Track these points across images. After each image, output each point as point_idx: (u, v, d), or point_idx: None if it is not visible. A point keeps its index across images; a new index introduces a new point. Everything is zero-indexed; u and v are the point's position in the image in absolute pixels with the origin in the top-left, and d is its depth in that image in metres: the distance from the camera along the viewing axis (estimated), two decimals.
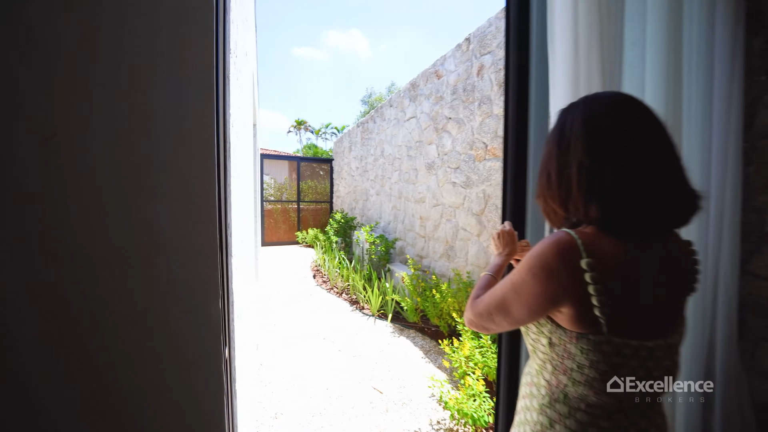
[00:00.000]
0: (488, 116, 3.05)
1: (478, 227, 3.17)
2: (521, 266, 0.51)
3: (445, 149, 3.72)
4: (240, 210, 1.36)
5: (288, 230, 9.01)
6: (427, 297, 3.00)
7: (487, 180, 3.06)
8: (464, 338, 2.04)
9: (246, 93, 1.76)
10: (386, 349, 2.74)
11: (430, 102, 4.04)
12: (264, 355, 2.57)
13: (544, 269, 0.48)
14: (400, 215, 4.91)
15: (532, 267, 0.49)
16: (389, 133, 5.30)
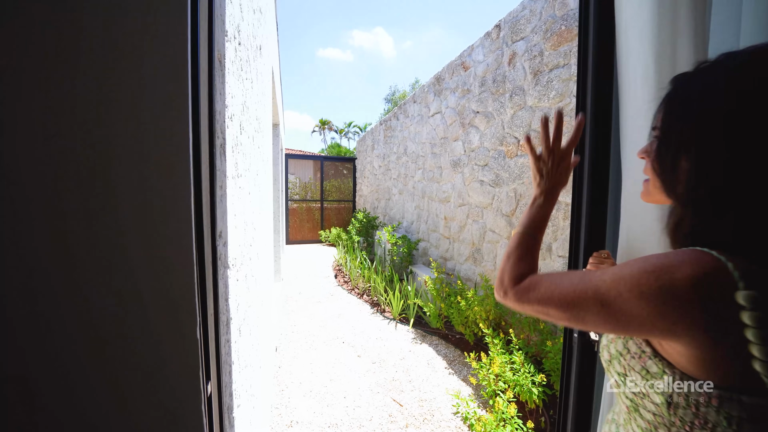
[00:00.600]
0: (521, 108, 2.81)
1: (508, 229, 2.93)
2: (620, 275, 0.39)
3: (472, 145, 3.50)
4: (257, 211, 1.28)
5: (312, 229, 9.13)
6: (452, 303, 2.82)
7: (518, 178, 2.82)
8: (493, 352, 1.85)
9: (262, 90, 1.68)
10: (407, 357, 2.60)
11: (456, 96, 3.83)
12: (283, 358, 2.53)
13: (665, 295, 0.34)
14: (423, 215, 4.74)
15: (645, 287, 0.36)
16: (412, 131, 5.13)
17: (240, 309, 0.88)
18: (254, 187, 1.26)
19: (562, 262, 2.39)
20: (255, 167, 1.30)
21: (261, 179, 1.57)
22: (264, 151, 1.80)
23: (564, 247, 2.37)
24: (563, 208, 2.39)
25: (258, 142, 1.45)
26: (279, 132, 4.42)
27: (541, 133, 0.66)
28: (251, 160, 1.18)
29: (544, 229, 0.63)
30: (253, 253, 1.19)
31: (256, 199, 1.31)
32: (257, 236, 1.34)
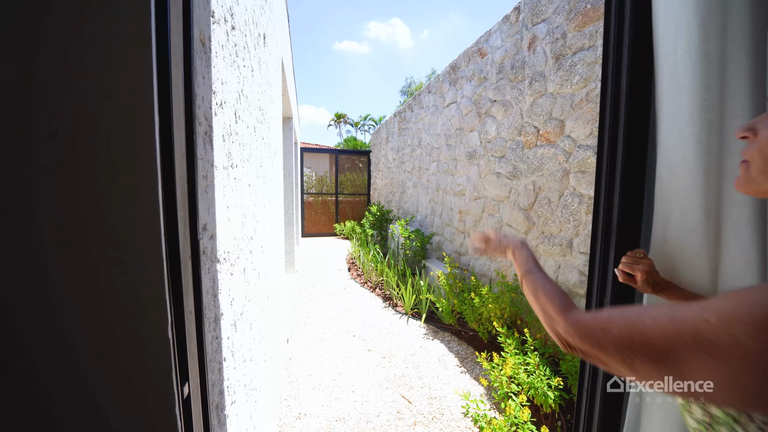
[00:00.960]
0: (541, 95, 2.64)
1: (526, 224, 2.80)
2: (731, 314, 0.29)
3: (488, 136, 3.35)
4: (261, 204, 1.26)
5: (327, 222, 9.21)
6: (465, 299, 2.74)
7: (538, 170, 2.67)
8: (507, 352, 1.77)
9: (268, 81, 1.65)
10: (418, 353, 2.56)
11: (472, 84, 3.67)
12: (294, 350, 2.56)
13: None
14: (437, 209, 4.64)
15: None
16: (427, 122, 5.00)
17: (236, 303, 0.86)
18: (256, 179, 1.24)
19: (584, 260, 2.25)
20: (257, 159, 1.27)
21: (267, 171, 1.54)
22: (271, 143, 1.77)
23: (586, 244, 2.23)
24: (586, 202, 2.24)
25: (262, 133, 1.42)
26: (292, 125, 4.43)
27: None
28: (252, 151, 1.15)
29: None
30: (255, 246, 1.17)
31: (259, 192, 1.29)
32: (261, 229, 1.32)
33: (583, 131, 2.26)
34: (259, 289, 1.25)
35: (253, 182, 1.16)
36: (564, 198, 2.42)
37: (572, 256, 2.36)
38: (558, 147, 2.48)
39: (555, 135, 2.50)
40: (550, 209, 2.55)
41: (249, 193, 1.09)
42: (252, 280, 1.10)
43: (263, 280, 1.36)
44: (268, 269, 1.55)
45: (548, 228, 2.57)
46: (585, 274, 2.25)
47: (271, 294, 1.62)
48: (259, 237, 1.28)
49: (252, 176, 1.15)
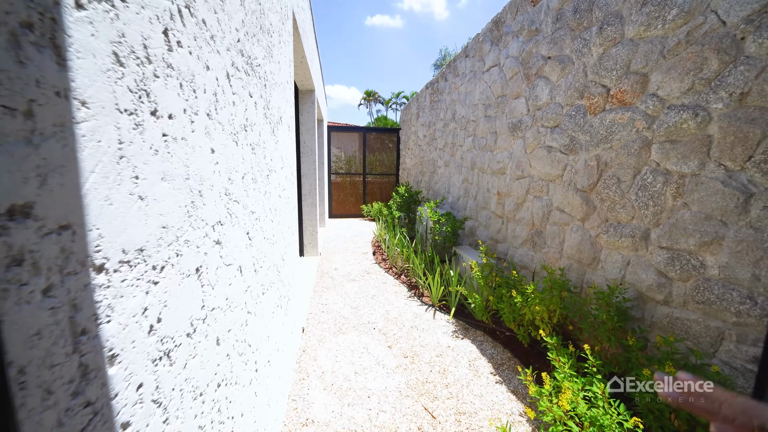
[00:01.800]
0: (615, 44, 2.05)
1: (584, 209, 2.29)
2: None
3: (538, 102, 2.79)
4: (249, 180, 0.98)
5: (355, 203, 9.04)
6: (503, 296, 2.35)
7: (605, 141, 2.12)
8: (560, 374, 1.39)
9: (261, 25, 1.33)
10: (445, 353, 2.25)
11: (520, 41, 3.06)
12: (308, 341, 2.37)
13: None
14: (471, 190, 4.16)
15: None
16: (463, 91, 4.42)
17: (170, 323, 0.58)
18: (236, 146, 0.94)
19: (666, 256, 1.74)
20: (239, 119, 0.97)
21: (261, 140, 1.25)
22: (271, 107, 1.46)
23: (671, 236, 1.72)
24: (675, 182, 1.70)
25: (251, 89, 1.11)
26: (314, 99, 4.12)
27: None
28: (222, 106, 0.84)
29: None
30: (230, 235, 0.89)
31: (241, 164, 1.00)
32: (247, 212, 1.04)
33: (677, 86, 1.68)
34: (242, 289, 0.99)
35: (224, 149, 0.86)
36: (641, 177, 1.88)
37: (648, 251, 1.86)
38: (637, 110, 1.91)
39: (633, 94, 1.93)
40: (620, 191, 2.02)
41: (212, 161, 0.79)
42: (222, 280, 0.83)
43: (253, 275, 1.09)
44: (265, 260, 1.29)
45: (615, 214, 2.06)
46: (665, 274, 1.75)
47: (272, 286, 1.37)
48: (243, 222, 1.00)
49: (223, 140, 0.85)
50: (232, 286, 0.90)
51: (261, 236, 1.23)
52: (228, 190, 0.88)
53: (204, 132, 0.74)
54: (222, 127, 0.85)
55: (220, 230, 0.82)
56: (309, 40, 3.27)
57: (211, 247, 0.77)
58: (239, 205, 0.98)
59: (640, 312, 1.90)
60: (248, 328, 1.04)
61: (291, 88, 2.03)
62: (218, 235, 0.81)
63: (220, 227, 0.82)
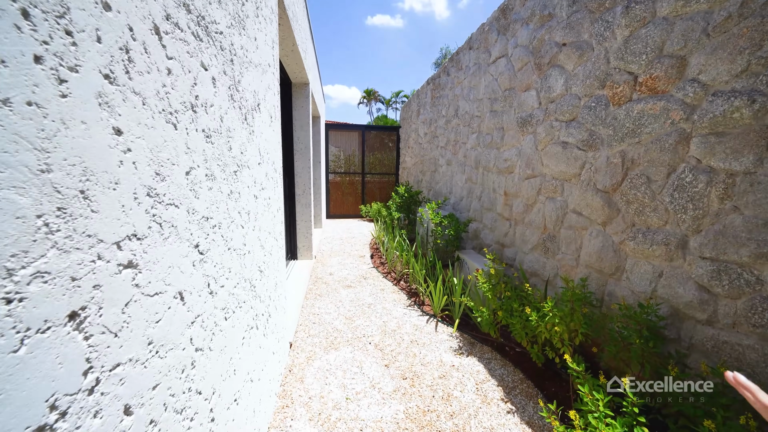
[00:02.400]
0: (644, 24, 1.79)
1: (606, 211, 2.04)
2: None
3: (552, 94, 2.53)
4: (191, 177, 0.73)
5: (354, 203, 8.79)
6: (514, 310, 2.10)
7: (632, 134, 1.87)
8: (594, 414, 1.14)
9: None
10: (450, 374, 2.00)
11: (530, 28, 2.81)
12: (296, 358, 2.12)
13: None
14: (476, 190, 3.90)
15: None
16: (466, 85, 4.17)
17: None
18: (174, 129, 0.69)
19: (708, 268, 1.49)
20: (175, 94, 0.72)
21: (224, 127, 0.99)
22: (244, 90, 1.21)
23: (715, 245, 1.46)
24: (722, 182, 1.45)
25: (203, 58, 0.86)
26: (308, 93, 3.87)
27: None
28: (89, 58, 0.59)
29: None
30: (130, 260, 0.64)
31: (183, 153, 0.74)
32: (191, 218, 0.79)
33: (725, 68, 1.43)
34: (186, 321, 0.74)
35: (146, 132, 0.60)
36: (678, 175, 1.63)
37: (686, 261, 1.60)
38: (672, 98, 1.66)
39: (668, 80, 1.67)
40: (650, 192, 1.77)
41: (117, 147, 0.53)
42: (139, 319, 0.58)
43: (208, 299, 0.84)
44: (232, 276, 1.03)
45: (644, 218, 1.80)
46: (709, 289, 1.50)
47: (241, 307, 1.12)
48: (188, 232, 0.75)
49: (144, 118, 0.59)
50: (162, 322, 0.65)
51: (222, 248, 0.98)
52: (154, 190, 0.63)
53: (96, 101, 0.49)
54: (142, 100, 0.59)
55: (134, 247, 0.57)
56: (301, 26, 3.02)
57: (113, 274, 0.51)
58: (180, 210, 0.72)
59: (675, 332, 1.65)
60: (196, 371, 0.79)
61: (275, 73, 1.78)
62: (128, 255, 0.55)
63: (135, 243, 0.57)
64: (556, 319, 1.63)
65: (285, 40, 2.59)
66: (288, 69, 3.35)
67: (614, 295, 1.98)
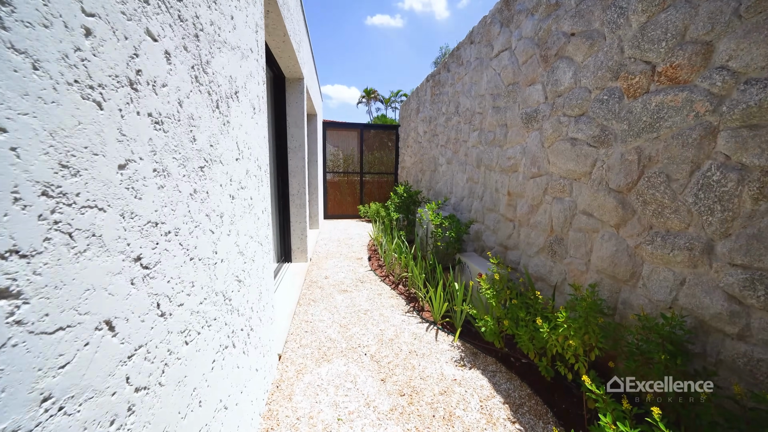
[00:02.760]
0: (664, 8, 1.64)
1: (620, 213, 1.88)
2: None
3: (559, 87, 2.38)
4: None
5: (352, 203, 8.63)
6: (521, 320, 1.94)
7: (650, 129, 1.71)
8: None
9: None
10: (451, 390, 1.84)
11: (536, 19, 2.66)
12: (285, 373, 1.96)
13: None
14: (477, 190, 3.75)
15: None
16: (467, 81, 4.01)
17: None
18: (122, 111, 0.52)
19: (740, 277, 1.33)
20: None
21: (184, 113, 0.83)
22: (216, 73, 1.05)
23: (748, 251, 1.31)
24: (756, 180, 1.29)
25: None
26: (303, 88, 3.71)
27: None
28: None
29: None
30: (8, 287, 0.47)
31: (122, 143, 0.58)
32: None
33: (761, 53, 1.27)
34: (117, 357, 0.57)
35: (41, 108, 0.44)
36: (703, 173, 1.48)
37: (712, 268, 1.45)
38: (696, 89, 1.50)
39: (691, 69, 1.52)
40: (670, 191, 1.61)
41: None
42: (23, 372, 0.41)
43: (157, 323, 0.68)
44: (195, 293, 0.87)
45: (663, 221, 1.65)
46: (740, 300, 1.35)
47: (211, 326, 0.96)
48: (122, 242, 0.58)
49: (35, 88, 0.43)
50: (73, 365, 0.49)
51: (181, 258, 0.81)
52: (58, 188, 0.47)
53: None
54: (32, 62, 0.43)
55: (11, 268, 0.40)
56: (293, 17, 2.86)
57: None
58: (108, 214, 0.56)
59: (700, 346, 1.49)
60: (136, 417, 0.62)
61: (258, 60, 1.62)
62: (7, 282, 0.39)
63: (15, 262, 0.41)
64: (571, 331, 1.47)
65: (275, 30, 2.43)
66: (280, 62, 3.19)
67: (629, 304, 1.82)
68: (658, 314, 1.63)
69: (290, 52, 2.92)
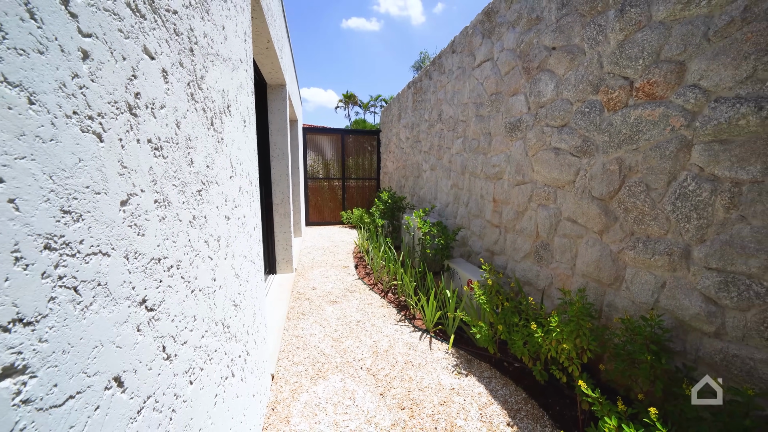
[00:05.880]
0: (639, 28, 1.75)
1: (603, 220, 1.98)
2: None
3: (542, 99, 2.47)
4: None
5: (334, 209, 8.51)
6: (513, 325, 1.98)
7: (629, 141, 1.81)
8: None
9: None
10: (450, 399, 1.85)
11: (517, 31, 2.75)
12: (280, 392, 1.88)
13: None
14: (462, 196, 3.82)
15: None
16: (450, 89, 4.09)
17: None
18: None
19: (715, 280, 1.44)
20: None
21: (155, 132, 0.78)
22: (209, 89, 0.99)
23: (722, 255, 1.41)
24: (726, 190, 1.40)
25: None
26: (286, 95, 3.62)
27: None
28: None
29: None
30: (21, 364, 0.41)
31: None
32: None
33: (729, 74, 1.38)
34: (127, 416, 0.51)
35: (40, 149, 0.38)
36: (680, 184, 1.58)
37: (690, 272, 1.55)
38: (671, 105, 1.61)
39: (666, 86, 1.63)
40: (650, 200, 1.72)
41: None
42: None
43: (163, 366, 0.62)
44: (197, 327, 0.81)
45: (644, 227, 1.75)
46: (716, 301, 1.45)
47: (212, 358, 0.90)
48: (128, 286, 0.53)
49: (33, 127, 0.37)
50: (87, 431, 0.43)
51: (183, 293, 0.75)
52: (61, 238, 0.41)
53: None
54: (27, 96, 0.38)
55: (17, 341, 0.35)
56: (276, 22, 2.79)
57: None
58: (112, 258, 0.50)
59: (680, 344, 1.59)
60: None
61: (248, 71, 1.55)
62: (6, 357, 0.34)
63: (20, 333, 0.35)
64: (564, 335, 1.52)
65: (259, 36, 2.35)
66: (263, 69, 3.09)
67: (614, 306, 1.91)
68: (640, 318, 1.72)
69: (273, 58, 2.84)
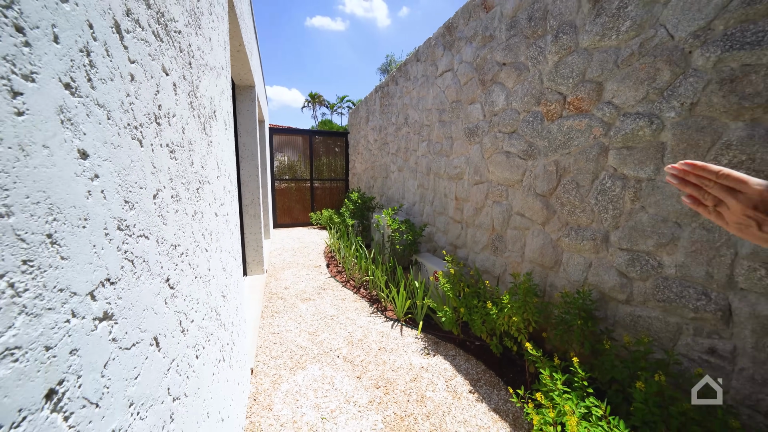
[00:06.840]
0: (570, 53, 2.10)
1: (545, 213, 2.32)
2: None
3: (495, 108, 2.80)
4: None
5: (302, 210, 8.45)
6: (474, 307, 2.25)
7: (564, 146, 2.16)
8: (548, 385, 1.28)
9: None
10: (420, 376, 2.06)
11: (474, 47, 3.07)
12: (261, 384, 1.96)
13: None
14: (428, 195, 4.09)
15: None
16: (415, 95, 4.36)
17: None
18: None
19: (626, 258, 1.80)
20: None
21: (170, 138, 0.89)
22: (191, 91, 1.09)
23: (630, 238, 1.78)
24: (632, 186, 1.77)
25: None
26: (254, 96, 3.63)
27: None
28: (48, 64, 0.50)
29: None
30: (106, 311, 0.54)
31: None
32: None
33: (632, 95, 1.75)
34: (161, 370, 0.64)
35: (111, 152, 0.52)
36: (600, 182, 1.94)
37: (609, 252, 1.91)
38: (593, 117, 1.97)
39: (590, 102, 1.99)
40: (579, 195, 2.07)
41: (83, 174, 0.44)
42: (117, 383, 0.48)
43: (180, 339, 0.74)
44: (200, 308, 0.92)
45: (575, 218, 2.10)
46: (626, 275, 1.82)
47: (209, 339, 1.00)
48: (159, 266, 0.65)
49: (108, 136, 0.51)
50: (141, 377, 0.55)
51: (190, 277, 0.86)
52: (125, 221, 0.53)
53: (58, 118, 0.40)
54: (107, 113, 0.50)
55: (108, 294, 0.47)
56: (247, 25, 2.83)
57: (89, 332, 0.42)
58: (150, 241, 0.62)
59: (603, 312, 1.95)
60: (175, 424, 0.68)
61: (227, 76, 1.63)
62: (103, 305, 0.46)
63: (109, 289, 0.48)
64: (514, 310, 1.81)
65: (232, 40, 2.40)
66: (233, 71, 3.10)
67: (554, 285, 2.26)
68: (575, 292, 2.07)
69: (244, 60, 2.88)
